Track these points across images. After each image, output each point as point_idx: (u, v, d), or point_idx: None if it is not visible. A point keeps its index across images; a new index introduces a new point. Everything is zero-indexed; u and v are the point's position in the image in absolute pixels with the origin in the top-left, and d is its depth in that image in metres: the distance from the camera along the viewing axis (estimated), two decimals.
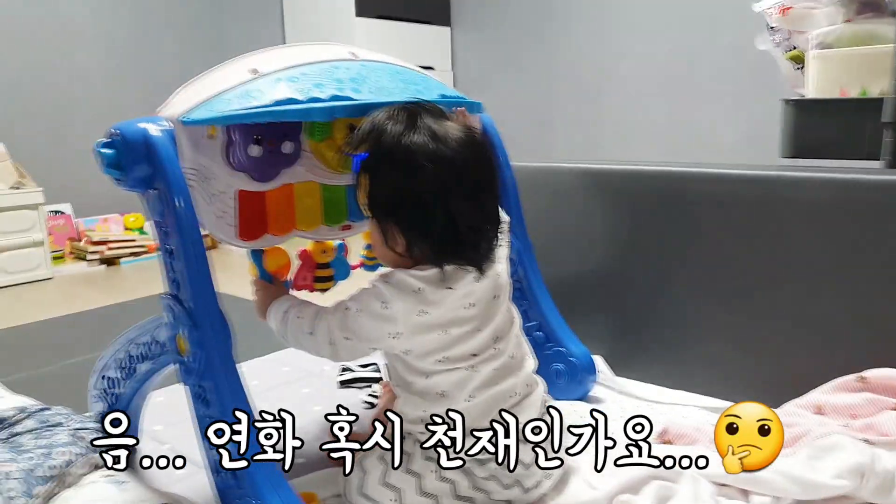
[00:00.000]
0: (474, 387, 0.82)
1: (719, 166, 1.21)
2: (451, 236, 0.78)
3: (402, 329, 0.80)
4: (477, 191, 0.80)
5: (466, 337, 0.82)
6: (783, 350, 1.12)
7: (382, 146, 0.79)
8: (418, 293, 0.79)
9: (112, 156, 0.79)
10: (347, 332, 0.82)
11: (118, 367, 0.97)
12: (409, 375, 0.84)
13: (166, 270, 0.82)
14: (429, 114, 0.81)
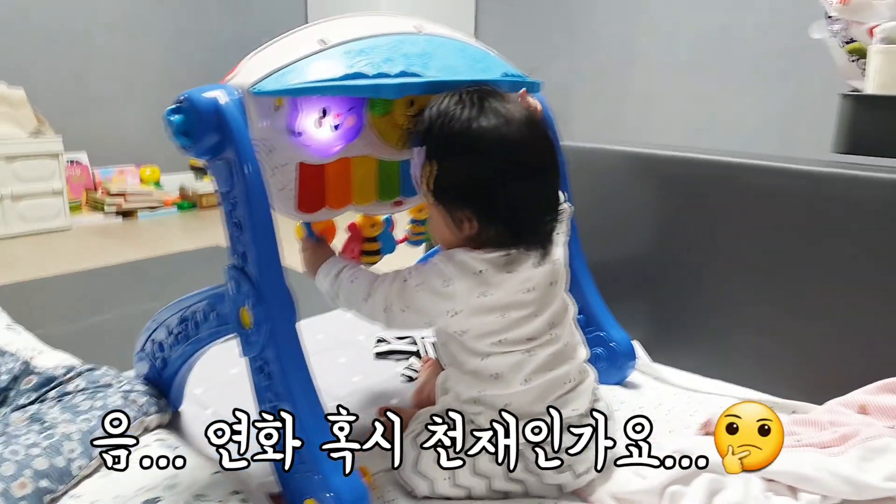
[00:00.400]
0: (530, 371, 0.83)
1: (772, 158, 1.20)
2: (519, 220, 0.79)
3: (460, 308, 0.80)
4: (543, 174, 0.81)
5: (524, 321, 0.82)
6: (827, 347, 1.12)
7: (453, 132, 0.78)
8: (480, 275, 0.79)
9: (181, 123, 0.77)
10: (404, 303, 0.82)
11: (169, 332, 0.97)
12: (463, 355, 0.85)
13: (232, 242, 0.81)
14: (494, 96, 0.81)
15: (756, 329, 1.20)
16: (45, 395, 0.97)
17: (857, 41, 1.32)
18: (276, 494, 0.84)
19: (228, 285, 0.82)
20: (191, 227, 2.77)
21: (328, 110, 0.88)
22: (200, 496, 0.79)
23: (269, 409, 0.81)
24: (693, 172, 1.25)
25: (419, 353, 1.29)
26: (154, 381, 1.04)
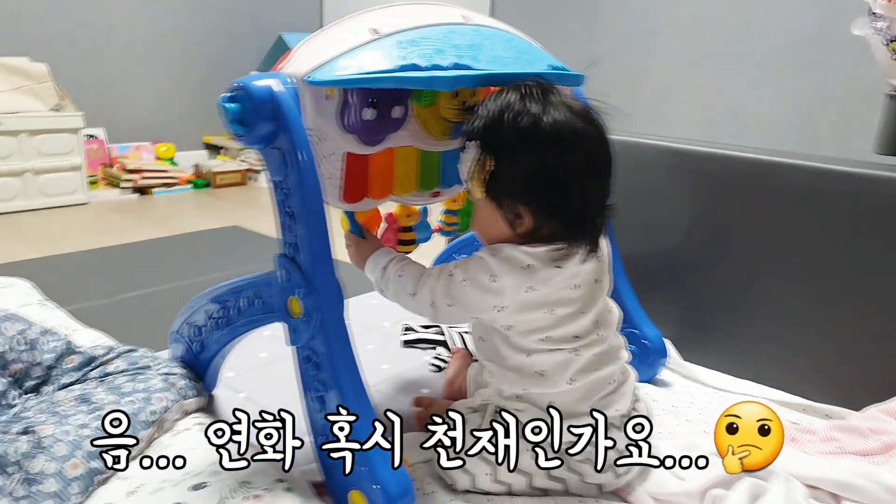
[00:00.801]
0: (575, 370, 0.82)
1: (813, 158, 1.19)
2: (580, 216, 0.79)
3: (508, 303, 0.80)
4: (606, 169, 0.81)
5: (570, 319, 0.82)
6: (865, 352, 1.12)
7: (521, 126, 0.77)
8: (528, 269, 0.79)
9: (236, 111, 0.77)
10: (451, 298, 0.82)
11: (209, 317, 0.97)
12: (507, 350, 0.84)
13: (284, 232, 0.80)
14: (553, 91, 0.81)
15: (789, 331, 1.19)
16: (87, 374, 0.98)
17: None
18: (317, 483, 0.84)
19: (278, 274, 0.82)
20: (206, 205, 2.77)
21: (377, 101, 0.87)
22: (246, 483, 0.80)
23: (315, 398, 0.81)
24: (732, 169, 1.25)
25: (446, 343, 1.29)
26: (190, 363, 1.04)
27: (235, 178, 3.13)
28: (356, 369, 0.80)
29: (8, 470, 0.78)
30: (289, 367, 1.19)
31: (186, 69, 3.24)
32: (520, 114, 0.78)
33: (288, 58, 0.82)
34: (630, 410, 0.86)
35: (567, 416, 0.82)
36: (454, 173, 1.04)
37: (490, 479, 0.83)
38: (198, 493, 0.79)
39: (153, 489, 0.80)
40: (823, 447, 0.96)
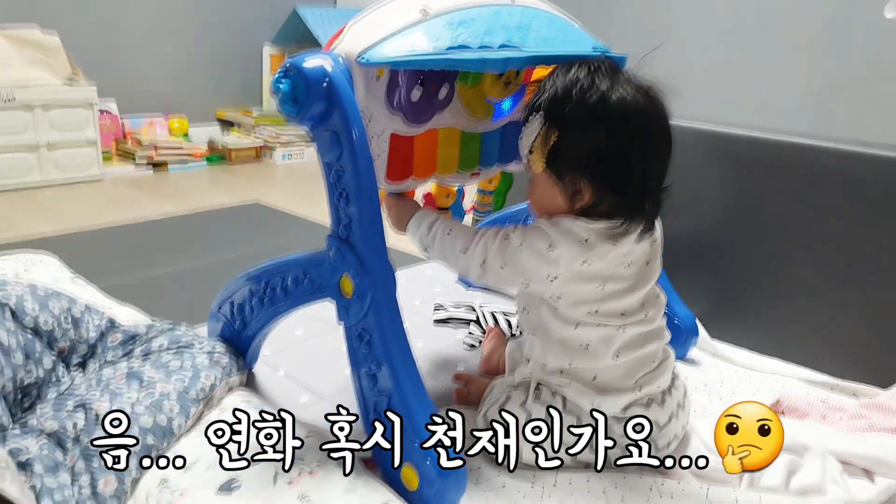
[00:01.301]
0: (620, 346, 0.84)
1: (844, 142, 1.19)
2: (640, 194, 0.80)
3: (561, 273, 0.81)
4: (665, 149, 0.81)
5: (620, 295, 0.83)
6: (893, 331, 1.13)
7: (589, 102, 0.78)
8: (585, 244, 0.80)
9: (289, 90, 0.77)
10: (504, 260, 0.83)
11: (252, 294, 0.99)
12: (554, 322, 0.85)
13: (336, 212, 0.81)
14: (619, 70, 0.81)
15: (815, 309, 1.21)
16: (130, 351, 0.99)
17: None
18: (366, 458, 0.86)
19: (329, 253, 0.83)
20: (222, 181, 2.77)
21: (424, 81, 0.88)
22: (299, 459, 0.81)
23: (366, 375, 0.83)
24: (762, 151, 1.25)
25: (478, 321, 1.31)
26: (231, 341, 1.06)
27: (250, 154, 3.12)
28: (408, 347, 0.82)
29: (66, 445, 0.80)
30: (324, 344, 1.22)
31: (199, 41, 3.21)
32: (588, 90, 0.78)
33: (338, 37, 0.82)
34: (669, 387, 0.88)
35: (610, 392, 0.84)
36: (493, 154, 1.05)
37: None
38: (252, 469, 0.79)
39: (207, 465, 0.81)
40: (854, 424, 0.99)
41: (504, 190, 1.16)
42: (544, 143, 0.80)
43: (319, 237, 0.85)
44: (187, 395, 0.88)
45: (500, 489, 0.84)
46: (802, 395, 1.08)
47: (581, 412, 0.84)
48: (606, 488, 0.83)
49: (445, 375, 1.12)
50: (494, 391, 0.95)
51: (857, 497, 0.84)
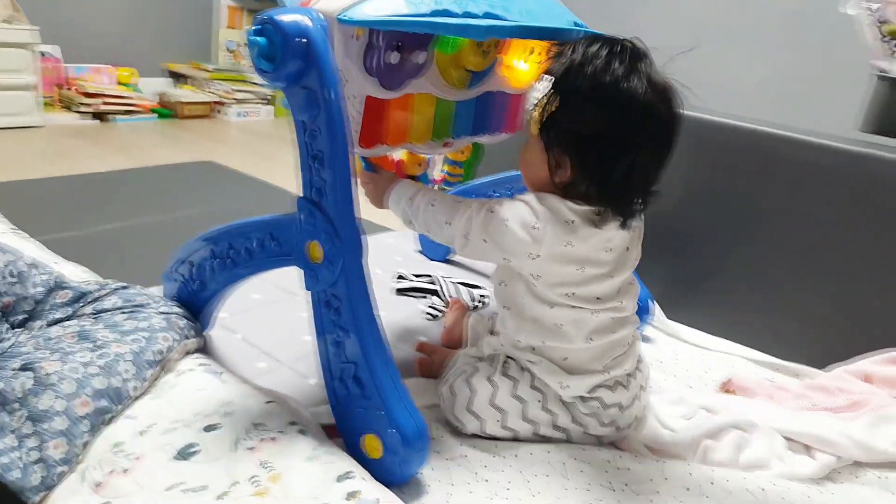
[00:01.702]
0: (592, 330, 0.84)
1: (806, 132, 1.23)
2: (623, 187, 0.78)
3: (543, 253, 0.80)
4: (661, 152, 0.79)
5: (597, 280, 0.83)
6: (836, 317, 1.19)
7: (600, 82, 0.76)
8: (570, 225, 0.79)
9: (266, 46, 0.74)
10: (487, 234, 0.81)
11: (213, 256, 0.95)
12: (529, 299, 0.85)
13: (309, 175, 0.79)
14: (643, 58, 0.78)
15: (764, 295, 1.25)
16: (79, 310, 0.95)
17: (892, 22, 1.34)
18: (328, 426, 0.85)
19: (299, 217, 0.81)
20: (172, 136, 2.66)
21: (402, 45, 0.86)
22: (259, 425, 0.80)
23: (332, 342, 0.81)
24: (724, 138, 1.27)
25: (439, 293, 1.30)
26: (187, 303, 1.02)
27: (203, 110, 3.00)
28: (375, 317, 0.81)
29: (10, 407, 0.76)
30: (282, 308, 1.20)
31: None
32: (601, 71, 0.76)
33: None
34: (634, 370, 0.89)
35: (580, 373, 0.85)
36: (467, 124, 1.04)
37: (498, 425, 0.86)
38: (212, 434, 0.78)
39: (164, 429, 0.79)
40: (797, 403, 1.03)
41: (474, 161, 1.15)
42: (545, 108, 0.79)
43: (275, 200, 0.82)
44: (143, 356, 0.85)
45: (462, 459, 0.85)
46: (751, 374, 1.12)
47: (547, 390, 0.85)
48: (566, 461, 0.84)
49: (406, 345, 1.12)
50: (459, 362, 0.95)
51: (798, 472, 0.88)
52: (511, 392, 0.86)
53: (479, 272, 1.47)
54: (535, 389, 0.86)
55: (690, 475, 0.83)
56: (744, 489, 0.81)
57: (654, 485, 0.82)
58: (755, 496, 0.81)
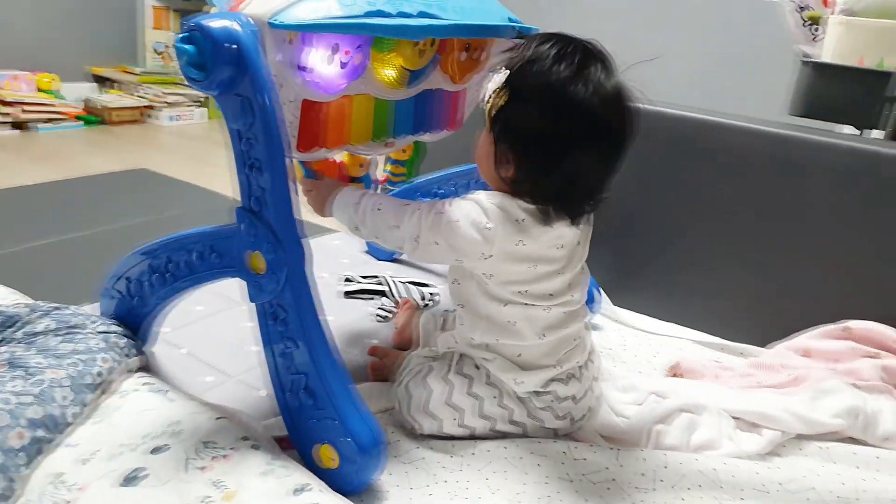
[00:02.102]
0: (544, 326, 0.85)
1: (739, 118, 1.26)
2: (564, 189, 0.78)
3: (495, 252, 0.79)
4: (613, 156, 0.78)
5: (549, 277, 0.83)
6: (774, 296, 1.23)
7: (544, 83, 0.74)
8: (520, 223, 0.79)
9: (194, 54, 0.72)
10: (439, 236, 0.80)
11: (152, 271, 0.92)
12: (482, 297, 0.85)
13: (246, 184, 0.77)
14: (597, 62, 0.76)
15: (707, 277, 1.29)
16: (9, 336, 0.90)
17: (812, 8, 1.40)
18: (281, 437, 0.84)
19: (240, 228, 0.79)
20: (101, 143, 2.56)
21: (339, 47, 0.84)
22: (209, 443, 0.78)
23: (280, 353, 0.80)
24: (661, 126, 1.30)
25: (388, 293, 1.29)
26: (125, 320, 0.99)
27: (133, 115, 2.89)
28: (326, 326, 0.79)
29: None
30: (227, 320, 1.17)
31: None
32: (546, 71, 0.74)
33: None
34: (586, 362, 0.90)
35: (533, 368, 0.85)
36: (407, 123, 1.03)
37: (455, 423, 0.86)
38: (160, 456, 0.76)
39: (109, 455, 0.76)
40: (742, 382, 1.06)
41: (416, 160, 1.14)
42: (496, 101, 0.78)
43: (214, 206, 0.80)
44: (81, 380, 0.82)
45: (420, 461, 0.85)
46: (697, 356, 1.15)
47: (502, 386, 0.86)
48: (523, 455, 0.85)
49: (357, 350, 1.11)
50: (412, 363, 0.95)
51: (746, 449, 0.90)
52: (466, 389, 0.86)
53: (429, 270, 1.47)
54: (490, 385, 0.86)
55: (644, 460, 0.84)
56: (696, 470, 0.83)
57: (610, 472, 0.83)
58: (707, 476, 0.83)
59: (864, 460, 0.90)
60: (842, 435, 0.96)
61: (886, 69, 1.24)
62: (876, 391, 1.01)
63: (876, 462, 0.90)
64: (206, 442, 0.78)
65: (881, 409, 0.98)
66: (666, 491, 0.82)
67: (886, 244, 1.13)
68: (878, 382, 1.02)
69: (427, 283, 1.35)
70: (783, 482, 0.83)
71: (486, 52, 1.06)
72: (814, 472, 0.84)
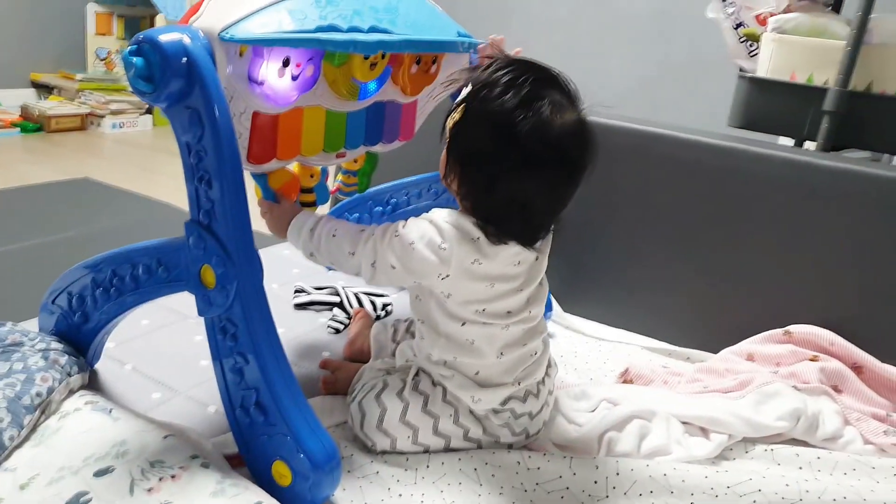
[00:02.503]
0: (503, 345, 0.85)
1: (682, 129, 1.30)
2: (505, 213, 0.78)
3: (452, 272, 0.79)
4: (560, 186, 0.79)
5: (508, 294, 0.83)
6: (721, 303, 1.26)
7: (487, 107, 0.75)
8: (476, 242, 0.79)
9: (144, 67, 0.70)
10: (396, 260, 0.79)
11: (96, 285, 0.89)
12: (440, 315, 0.84)
13: (195, 196, 0.75)
14: (552, 93, 0.76)
15: (655, 284, 1.32)
16: None
17: (747, 25, 1.45)
18: (232, 455, 0.82)
19: (189, 241, 0.77)
20: (41, 152, 2.48)
21: (290, 59, 0.84)
22: (157, 463, 0.76)
23: (231, 369, 0.78)
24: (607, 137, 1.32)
25: (342, 304, 1.28)
26: (68, 336, 0.96)
27: (74, 123, 2.81)
28: (277, 339, 0.78)
29: None
30: (174, 334, 1.14)
31: None
32: (494, 97, 0.75)
33: (197, 10, 0.76)
34: (543, 378, 0.91)
35: (491, 386, 0.85)
36: (359, 134, 1.03)
37: (410, 441, 0.86)
38: (104, 479, 0.73)
39: (50, 480, 0.73)
40: (691, 387, 1.09)
41: (369, 171, 1.14)
42: (453, 115, 0.80)
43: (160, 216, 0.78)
44: (19, 402, 0.78)
45: (374, 476, 0.84)
46: (646, 362, 1.17)
47: (459, 404, 0.86)
48: (477, 466, 0.85)
49: (310, 363, 1.09)
50: (365, 376, 0.94)
51: (696, 454, 0.92)
52: (422, 408, 0.86)
53: None
54: (447, 404, 0.86)
55: (597, 468, 0.85)
56: (647, 476, 0.85)
57: (564, 481, 0.84)
58: (658, 482, 0.84)
59: (807, 461, 0.93)
60: (786, 437, 0.99)
61: (816, 84, 1.30)
62: (816, 393, 1.05)
63: (817, 462, 0.93)
64: (153, 462, 0.76)
65: (821, 410, 1.02)
66: (618, 497, 0.83)
67: (822, 251, 1.18)
68: (818, 385, 1.06)
69: (382, 293, 1.34)
70: (731, 485, 0.85)
71: (437, 65, 1.07)
72: (759, 475, 0.87)
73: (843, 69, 1.26)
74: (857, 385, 1.09)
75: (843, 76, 1.26)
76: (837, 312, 1.17)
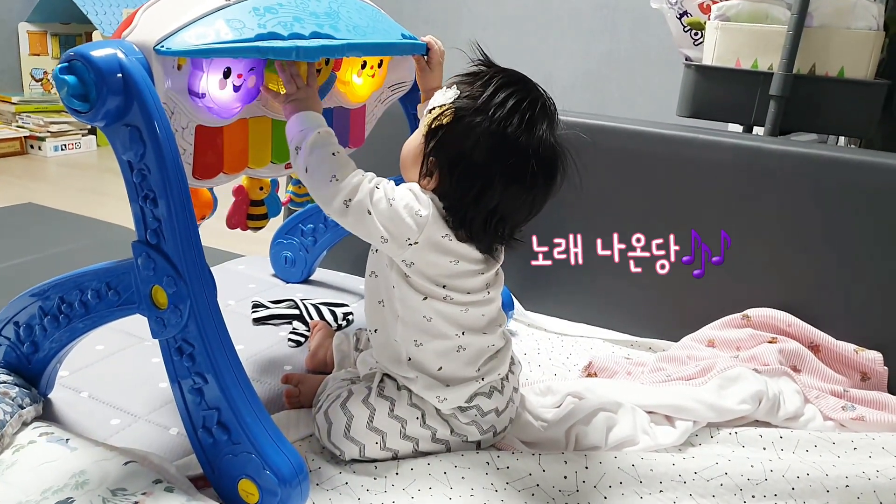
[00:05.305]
0: (463, 325, 0.85)
1: (633, 122, 1.32)
2: (476, 221, 0.81)
3: (421, 240, 0.79)
4: (536, 204, 0.83)
5: (469, 274, 0.84)
6: (679, 291, 1.28)
7: (495, 126, 0.78)
8: (448, 221, 0.81)
9: (77, 85, 0.68)
10: (372, 206, 0.78)
11: (44, 313, 0.86)
12: (402, 289, 0.83)
13: (142, 216, 0.73)
14: (547, 118, 0.81)
15: (615, 277, 1.33)
16: None
17: (691, 14, 1.48)
18: (196, 476, 0.80)
19: (137, 262, 0.75)
20: None
21: (231, 70, 0.82)
22: (119, 490, 0.73)
23: (190, 390, 0.77)
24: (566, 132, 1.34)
25: (301, 317, 1.26)
26: (18, 368, 0.92)
27: (13, 147, 2.71)
28: (235, 356, 0.77)
29: None
30: (131, 356, 1.11)
31: None
32: (502, 118, 0.78)
33: (130, 23, 0.74)
34: (507, 374, 0.91)
35: (455, 383, 0.85)
36: None
37: (378, 446, 0.85)
38: None
39: None
40: (654, 377, 1.11)
41: None
42: (437, 117, 0.80)
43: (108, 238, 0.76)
44: None
45: (343, 486, 0.83)
46: (609, 354, 1.18)
47: (425, 405, 0.85)
48: (447, 470, 0.85)
49: (272, 378, 1.07)
50: (329, 386, 0.93)
51: (662, 442, 0.94)
52: (388, 412, 0.85)
53: (341, 289, 1.45)
54: (413, 406, 0.85)
55: (566, 463, 0.86)
56: (616, 468, 0.86)
57: (534, 478, 0.84)
58: (627, 473, 0.85)
59: (770, 440, 0.95)
60: (749, 419, 1.01)
61: (760, 69, 1.33)
62: (776, 374, 1.08)
63: (780, 441, 0.95)
64: (114, 490, 0.74)
65: (782, 390, 1.04)
66: (588, 491, 0.83)
67: (776, 234, 1.21)
68: (777, 366, 1.09)
69: (342, 302, 1.33)
70: (698, 470, 0.86)
71: (382, 68, 1.06)
72: (725, 458, 0.88)
73: (786, 53, 1.29)
74: (815, 364, 1.12)
75: (786, 60, 1.30)
76: (793, 294, 1.20)
